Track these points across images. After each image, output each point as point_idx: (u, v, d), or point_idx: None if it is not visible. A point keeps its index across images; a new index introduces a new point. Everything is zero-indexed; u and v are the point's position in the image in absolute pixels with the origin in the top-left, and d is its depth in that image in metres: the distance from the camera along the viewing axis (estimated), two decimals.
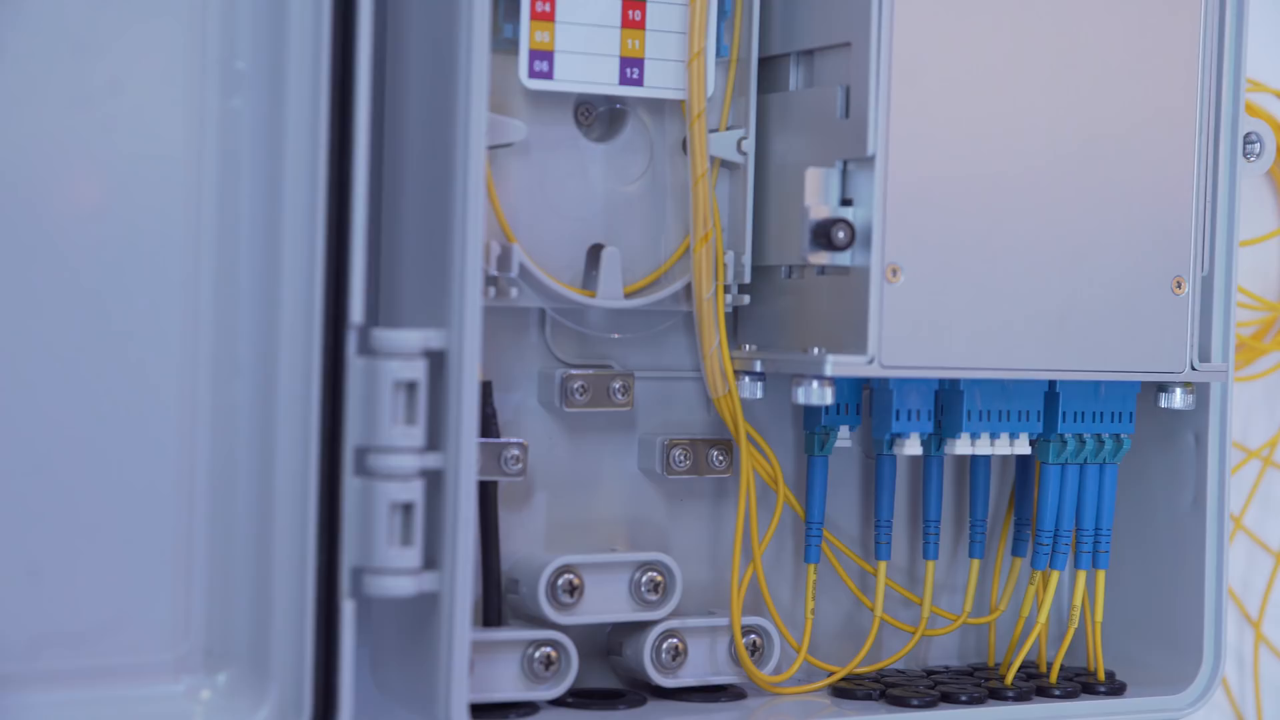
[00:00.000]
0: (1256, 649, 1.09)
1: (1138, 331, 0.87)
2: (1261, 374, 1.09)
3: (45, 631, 0.76)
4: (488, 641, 0.83)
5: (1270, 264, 1.09)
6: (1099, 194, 0.86)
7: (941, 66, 0.83)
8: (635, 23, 0.86)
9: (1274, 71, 1.06)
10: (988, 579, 0.96)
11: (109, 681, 0.77)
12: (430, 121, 0.80)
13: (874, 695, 0.89)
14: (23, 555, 0.76)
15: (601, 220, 0.88)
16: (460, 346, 0.77)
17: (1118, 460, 0.91)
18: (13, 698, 0.75)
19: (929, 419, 0.88)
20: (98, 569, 0.77)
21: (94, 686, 0.77)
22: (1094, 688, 0.92)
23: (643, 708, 0.86)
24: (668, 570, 0.87)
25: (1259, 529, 1.10)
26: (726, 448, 0.90)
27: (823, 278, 0.85)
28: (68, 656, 0.76)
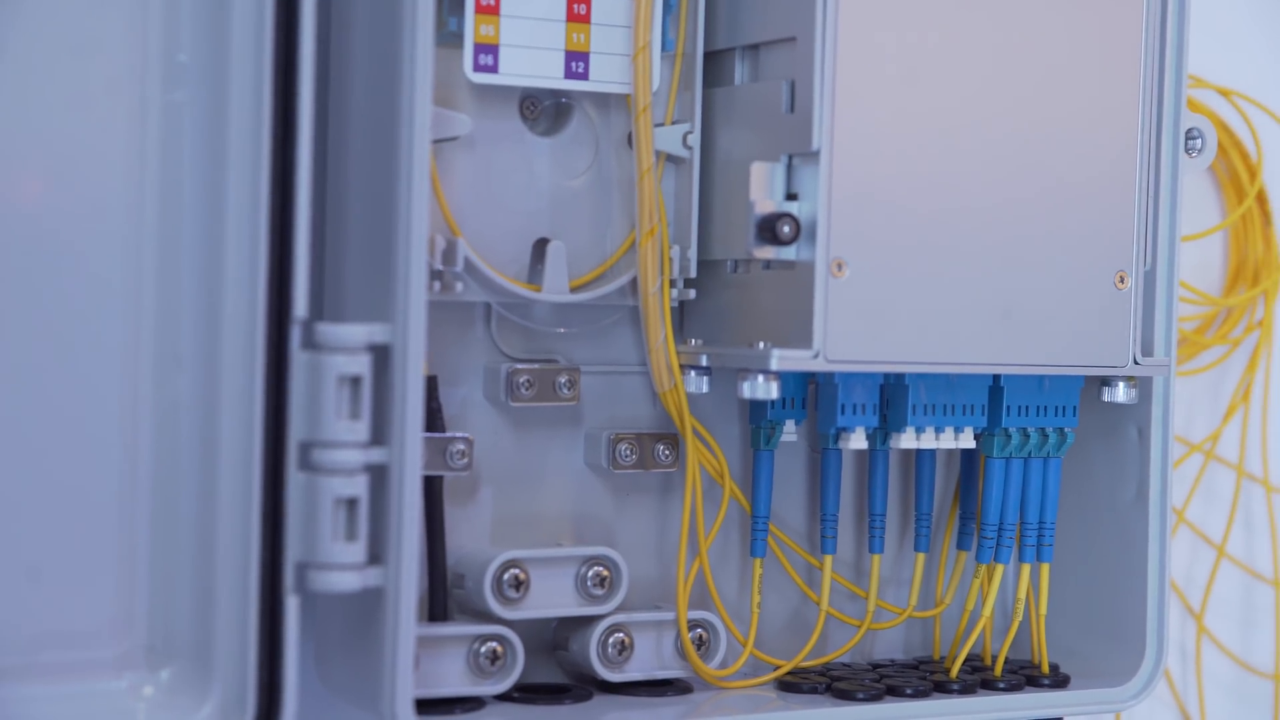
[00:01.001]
0: (1199, 641, 1.10)
1: (1081, 326, 0.88)
2: (1204, 368, 1.10)
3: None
4: (433, 637, 0.83)
5: (1213, 259, 1.10)
6: (1043, 189, 0.87)
7: (886, 62, 0.83)
8: (580, 17, 0.86)
9: (1215, 68, 1.07)
10: (933, 573, 0.96)
11: (51, 678, 0.77)
12: (374, 115, 0.80)
13: (820, 689, 0.89)
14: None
15: (547, 214, 0.87)
16: (405, 341, 0.77)
17: (1061, 454, 0.91)
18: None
19: (874, 413, 0.88)
20: (38, 565, 0.76)
21: (35, 683, 0.76)
22: (1038, 680, 0.92)
23: (589, 702, 0.86)
24: (614, 565, 0.87)
25: (1201, 522, 1.10)
26: (672, 442, 0.90)
27: (768, 272, 0.85)
28: (8, 653, 0.76)
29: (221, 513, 0.77)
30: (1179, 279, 0.92)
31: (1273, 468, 1.12)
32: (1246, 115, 1.07)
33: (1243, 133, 1.08)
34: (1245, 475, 1.11)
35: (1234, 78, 1.07)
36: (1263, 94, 1.08)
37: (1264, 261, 1.09)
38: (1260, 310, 1.10)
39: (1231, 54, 1.08)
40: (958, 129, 0.85)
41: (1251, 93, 1.08)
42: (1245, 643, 1.12)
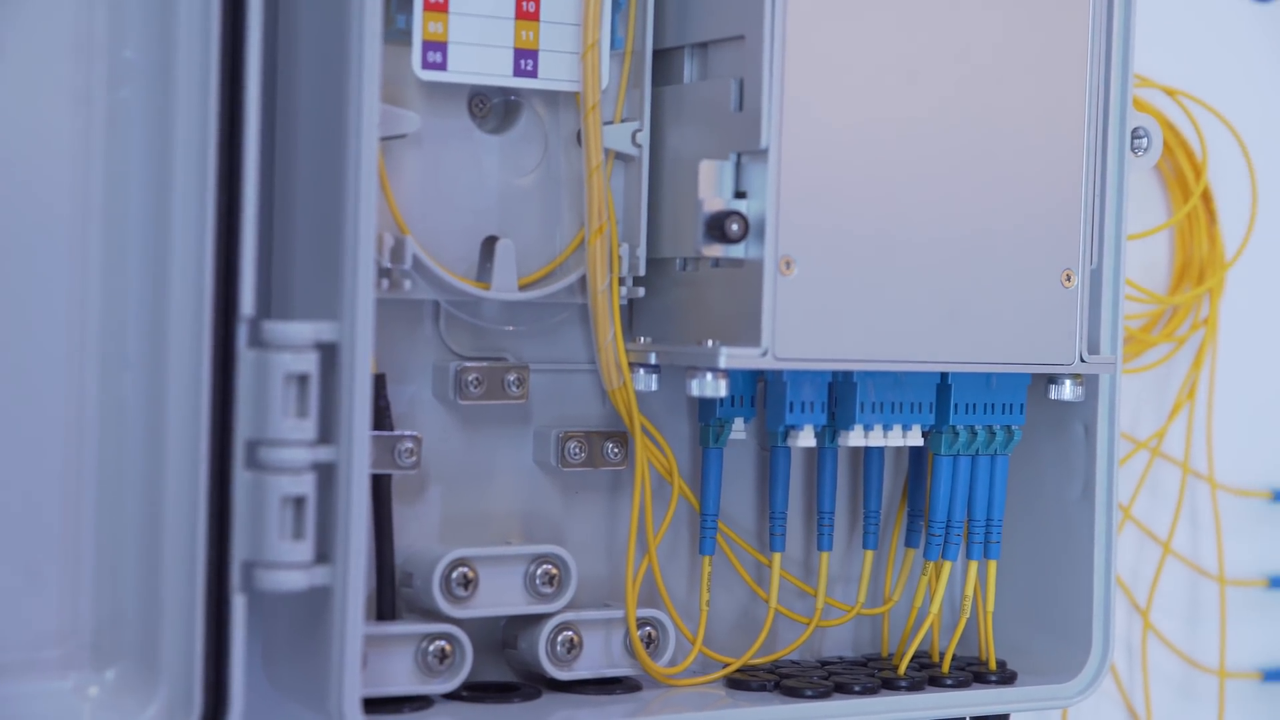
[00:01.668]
0: (1145, 638, 1.11)
1: (1028, 324, 0.88)
2: (1149, 366, 1.10)
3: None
4: (381, 635, 0.83)
5: (1158, 257, 1.11)
6: (990, 187, 0.87)
7: (835, 60, 0.84)
8: (529, 14, 0.85)
9: (1161, 67, 1.07)
10: (881, 570, 0.97)
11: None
12: (322, 112, 0.79)
13: (768, 686, 0.90)
14: None
15: (496, 212, 0.87)
16: (352, 339, 0.77)
17: (1008, 451, 0.92)
18: None
19: (822, 411, 0.88)
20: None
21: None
22: (985, 677, 0.93)
23: (537, 701, 0.86)
24: (563, 563, 0.87)
25: (1147, 519, 1.11)
26: (621, 440, 0.90)
27: (717, 270, 0.85)
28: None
29: (168, 512, 0.76)
30: (1125, 277, 0.92)
31: (1218, 465, 1.13)
32: (1192, 115, 1.08)
33: (1188, 132, 1.09)
34: (1190, 472, 1.12)
35: (1179, 77, 1.08)
36: (1208, 93, 1.09)
37: (1209, 260, 1.10)
38: (1205, 308, 1.11)
39: (1177, 54, 1.09)
40: (906, 128, 0.85)
41: (1197, 92, 1.08)
42: (1191, 639, 1.13)
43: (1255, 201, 1.11)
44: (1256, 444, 1.14)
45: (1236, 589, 1.14)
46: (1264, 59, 1.14)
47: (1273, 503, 1.15)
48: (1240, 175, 1.11)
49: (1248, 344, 1.13)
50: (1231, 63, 1.13)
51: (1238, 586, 1.14)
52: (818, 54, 0.83)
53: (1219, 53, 1.13)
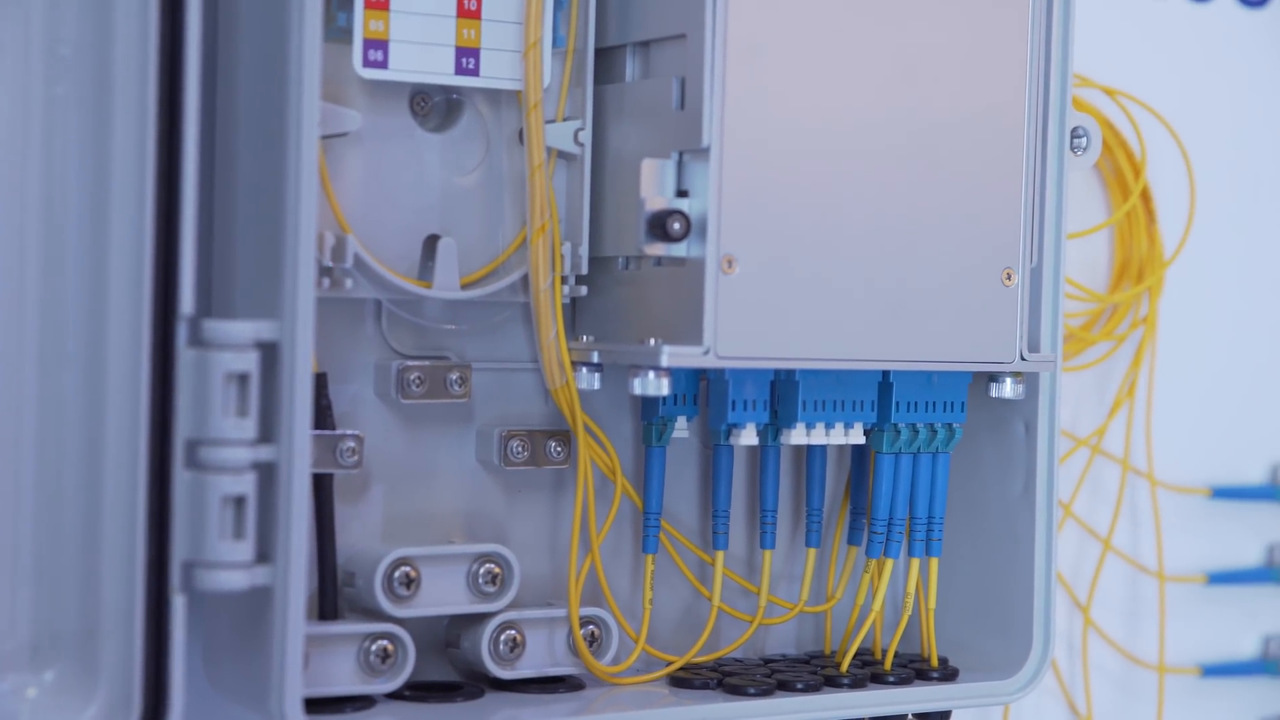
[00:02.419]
0: (1085, 634, 1.11)
1: (969, 322, 0.88)
2: (1090, 364, 1.11)
3: None
4: (323, 635, 0.83)
5: (1098, 256, 1.11)
6: (931, 186, 0.87)
7: (776, 59, 0.84)
8: (471, 12, 0.85)
9: (1100, 67, 1.08)
10: (824, 568, 0.97)
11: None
12: (262, 110, 0.79)
13: (711, 684, 0.90)
14: None
15: (438, 211, 0.87)
16: (293, 338, 0.77)
17: (950, 449, 0.92)
18: None
19: (765, 409, 0.89)
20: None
21: None
22: (927, 674, 0.93)
23: (480, 700, 0.86)
24: (505, 562, 0.87)
25: (1088, 516, 1.12)
26: (564, 439, 0.90)
27: (659, 269, 0.85)
28: None
29: (107, 511, 0.76)
30: (1065, 276, 0.93)
31: (1157, 462, 1.13)
32: (1131, 114, 1.09)
33: (1127, 131, 1.10)
34: (1130, 469, 1.13)
35: (1119, 77, 1.09)
36: (1147, 93, 1.09)
37: (1148, 258, 1.11)
38: (1145, 307, 1.12)
39: (1116, 53, 1.10)
40: (847, 127, 0.85)
41: (1136, 92, 1.09)
42: (1131, 635, 1.13)
43: (1193, 200, 1.11)
44: (1195, 441, 1.15)
45: (1176, 585, 1.14)
46: (1202, 59, 1.15)
47: (1211, 499, 1.16)
48: (1179, 174, 1.11)
49: (1187, 342, 1.14)
50: (1170, 63, 1.14)
51: (1177, 583, 1.14)
52: (759, 53, 0.83)
53: (1158, 53, 1.13)
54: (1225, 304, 1.16)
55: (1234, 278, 1.17)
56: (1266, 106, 1.17)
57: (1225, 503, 1.16)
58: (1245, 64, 1.17)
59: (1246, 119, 1.17)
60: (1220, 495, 1.16)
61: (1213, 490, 1.16)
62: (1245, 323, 1.17)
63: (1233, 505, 1.17)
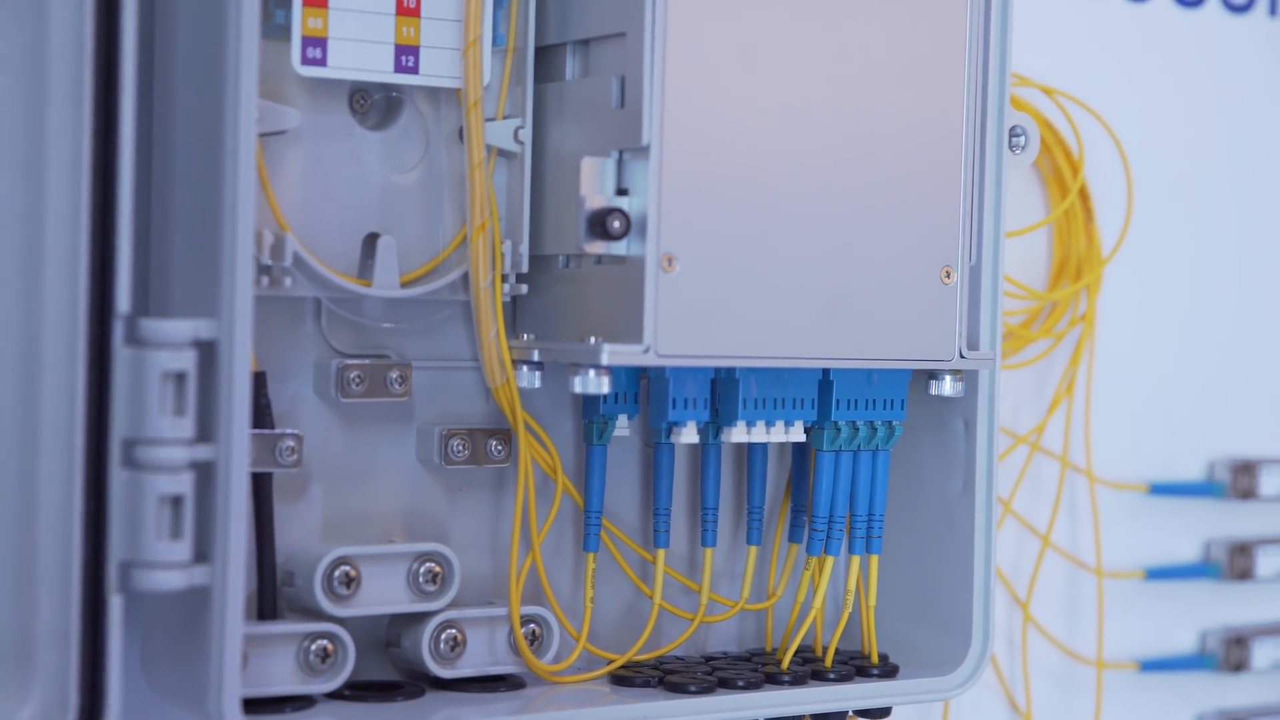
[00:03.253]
0: (1025, 630, 1.12)
1: (908, 320, 0.89)
2: (1029, 362, 1.11)
3: None
4: (262, 635, 0.82)
5: (1037, 254, 1.12)
6: (870, 185, 0.88)
7: (715, 58, 0.84)
8: (410, 10, 0.85)
9: (1038, 66, 1.09)
10: (765, 565, 0.97)
11: None
12: (200, 108, 0.79)
13: (652, 682, 0.90)
14: None
15: (377, 209, 0.87)
16: (231, 336, 0.76)
17: (890, 447, 0.93)
18: None
19: (705, 407, 0.89)
20: None
21: None
22: (867, 671, 0.93)
23: (421, 699, 0.86)
24: (446, 561, 0.87)
25: (1027, 512, 1.12)
26: (505, 437, 0.89)
27: (599, 267, 0.85)
28: None
29: (42, 511, 0.75)
30: (1004, 274, 0.93)
31: (1096, 459, 1.14)
32: (1069, 113, 1.09)
33: (1065, 130, 1.10)
34: (1069, 466, 1.13)
35: (1057, 76, 1.09)
36: (1084, 92, 1.10)
37: (1086, 256, 1.12)
38: (1083, 304, 1.12)
39: (1054, 53, 1.11)
40: (786, 126, 0.86)
41: (1074, 91, 1.10)
42: (1070, 631, 1.14)
43: (1131, 198, 1.12)
44: (1133, 438, 1.16)
45: (1114, 581, 1.15)
46: (1139, 58, 1.16)
47: (1149, 496, 1.16)
48: (1116, 173, 1.12)
49: (1124, 339, 1.15)
50: (1108, 62, 1.14)
51: (1115, 579, 1.15)
52: (698, 51, 0.83)
53: (1095, 52, 1.14)
54: (1163, 301, 1.17)
55: (1171, 275, 1.18)
56: (1203, 105, 1.18)
57: (1163, 499, 1.17)
58: (1181, 63, 1.18)
59: (1183, 117, 1.18)
60: (1158, 491, 1.17)
61: (1150, 487, 1.16)
62: (1183, 320, 1.18)
63: (1170, 501, 1.17)
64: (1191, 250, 1.18)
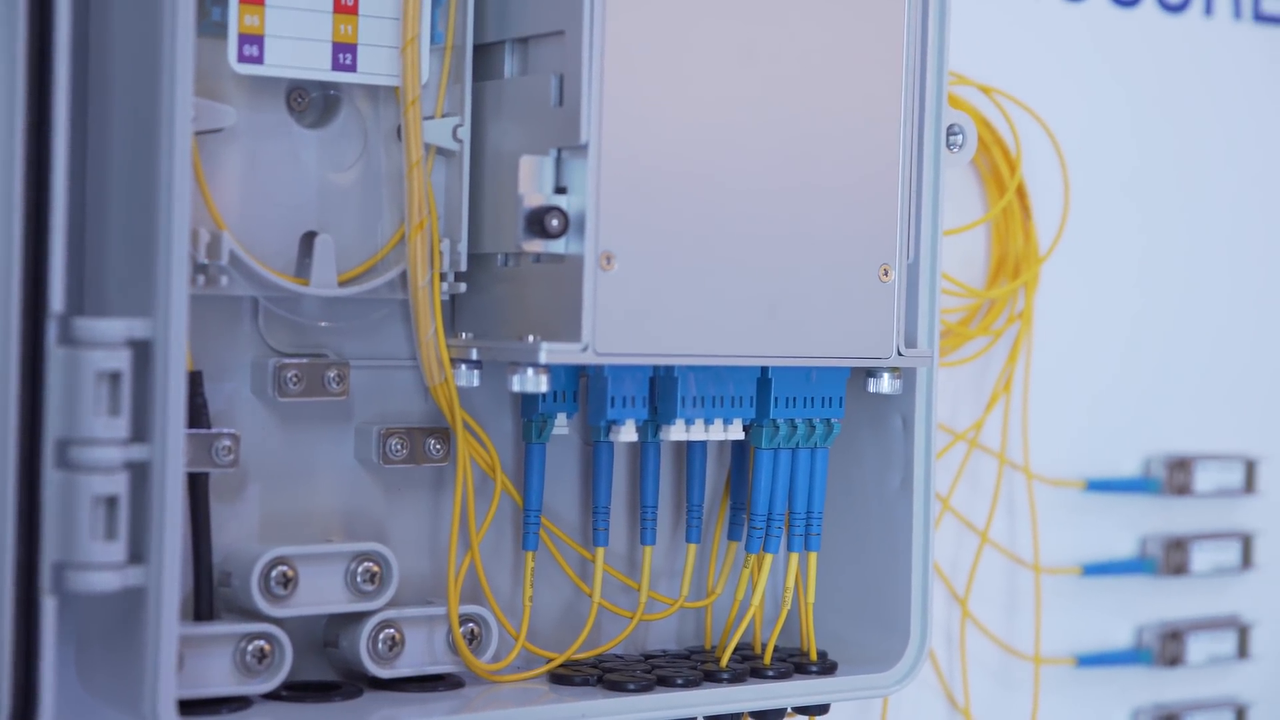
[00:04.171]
0: (963, 626, 1.13)
1: (846, 318, 0.89)
2: (967, 359, 1.12)
3: None
4: (198, 636, 0.82)
5: (975, 252, 1.12)
6: (808, 184, 0.88)
7: (654, 56, 0.84)
8: (348, 8, 0.85)
9: (976, 65, 1.09)
10: (705, 563, 0.97)
11: None
12: (135, 105, 0.78)
13: (591, 681, 0.90)
14: None
15: (315, 207, 0.87)
16: (166, 336, 0.76)
17: (828, 444, 0.93)
18: None
19: (644, 405, 0.89)
20: None
21: None
22: (806, 668, 0.94)
23: (358, 699, 0.86)
24: (384, 560, 0.86)
25: (966, 509, 1.13)
26: (444, 436, 0.89)
27: (538, 265, 0.85)
28: None
29: None
30: (942, 272, 0.94)
31: (1033, 456, 1.15)
32: (1006, 112, 1.10)
33: (1003, 129, 1.11)
34: (1007, 463, 1.14)
35: (994, 75, 1.10)
36: (1022, 91, 1.11)
37: (1024, 254, 1.12)
38: (1021, 302, 1.13)
39: (992, 52, 1.11)
40: (725, 124, 0.86)
41: (1011, 89, 1.10)
42: (1008, 627, 1.15)
43: (1068, 197, 1.13)
44: (1071, 435, 1.17)
45: (1051, 577, 1.16)
46: (1076, 57, 1.17)
47: (1086, 492, 1.17)
48: (1053, 171, 1.13)
49: (1062, 337, 1.16)
50: (1045, 61, 1.15)
51: (1053, 575, 1.16)
52: (637, 50, 0.83)
53: (1033, 51, 1.15)
54: (1100, 299, 1.18)
55: (1108, 273, 1.18)
56: (1139, 103, 1.19)
57: (1099, 495, 1.18)
58: (1118, 62, 1.18)
59: (1120, 116, 1.19)
60: (1095, 488, 1.17)
61: (1087, 483, 1.17)
62: (1119, 317, 1.19)
63: (1107, 498, 1.18)
64: (1128, 248, 1.19)
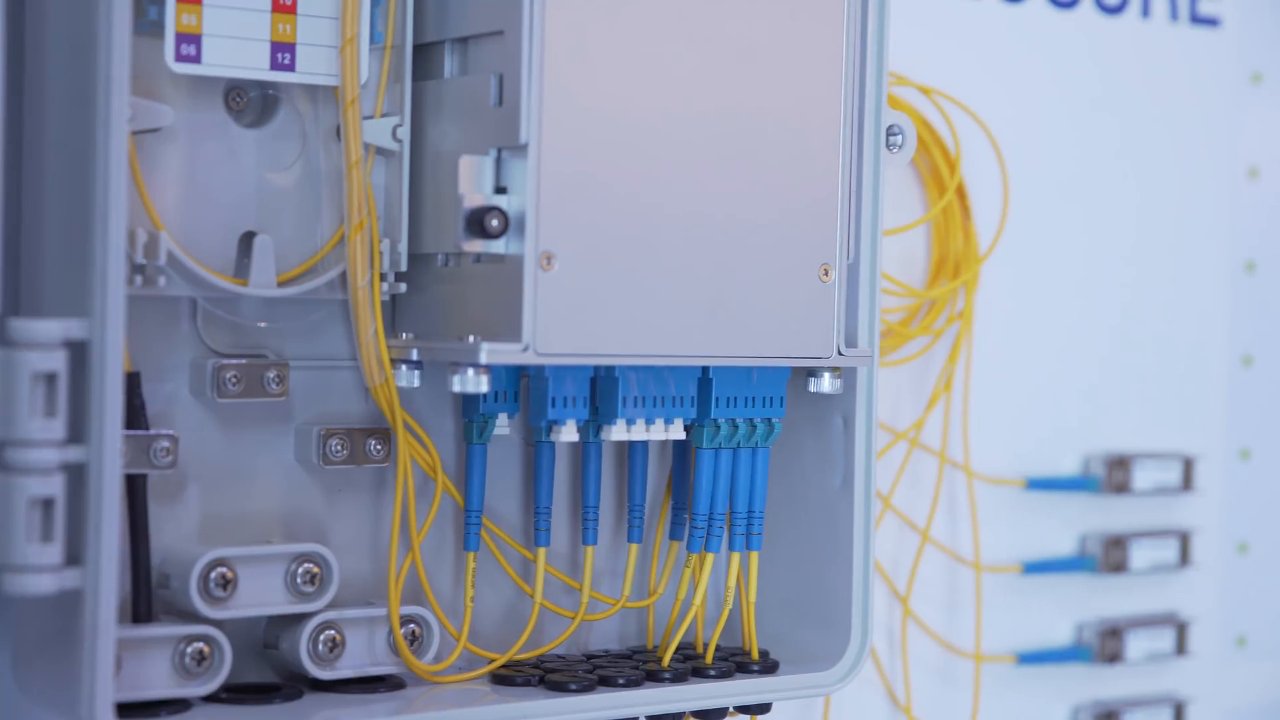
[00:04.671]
0: (904, 624, 1.13)
1: (787, 318, 0.89)
2: (908, 359, 1.12)
3: None
4: (136, 638, 0.81)
5: (916, 252, 1.13)
6: (749, 184, 0.88)
7: (594, 57, 0.84)
8: (286, 7, 0.84)
9: (916, 66, 1.10)
10: (647, 563, 0.97)
11: None
12: (71, 104, 0.78)
13: (533, 681, 0.90)
14: None
15: (254, 207, 0.86)
16: (103, 337, 0.75)
17: (769, 444, 0.93)
18: None
19: (585, 405, 0.89)
20: None
21: None
22: (748, 667, 0.94)
23: (299, 701, 0.85)
24: (324, 561, 0.86)
25: (907, 508, 1.13)
26: (384, 437, 0.89)
27: (478, 265, 0.85)
28: None
29: None
30: (882, 271, 0.94)
31: (974, 454, 1.15)
32: (946, 112, 1.10)
33: (942, 129, 1.11)
34: (948, 462, 1.14)
35: (934, 76, 1.10)
36: (961, 92, 1.11)
37: (964, 254, 1.13)
38: (961, 302, 1.14)
39: (931, 52, 1.11)
40: (665, 124, 0.86)
41: (951, 90, 1.11)
42: (949, 625, 1.15)
43: (1007, 197, 1.14)
44: (1010, 434, 1.17)
45: (992, 575, 1.17)
46: (1015, 58, 1.17)
47: (1026, 491, 1.18)
48: (992, 171, 1.13)
49: (1001, 336, 1.16)
50: (984, 62, 1.16)
51: (993, 573, 1.17)
52: (577, 50, 0.83)
53: (972, 52, 1.15)
54: (1039, 298, 1.19)
55: (1047, 273, 1.19)
56: (1077, 104, 1.20)
57: (1040, 494, 1.19)
58: (1057, 63, 1.19)
59: (1058, 116, 1.19)
60: (1035, 486, 1.18)
61: (1027, 481, 1.18)
62: (1059, 317, 1.20)
63: (1047, 496, 1.19)
64: (1067, 248, 1.20)
